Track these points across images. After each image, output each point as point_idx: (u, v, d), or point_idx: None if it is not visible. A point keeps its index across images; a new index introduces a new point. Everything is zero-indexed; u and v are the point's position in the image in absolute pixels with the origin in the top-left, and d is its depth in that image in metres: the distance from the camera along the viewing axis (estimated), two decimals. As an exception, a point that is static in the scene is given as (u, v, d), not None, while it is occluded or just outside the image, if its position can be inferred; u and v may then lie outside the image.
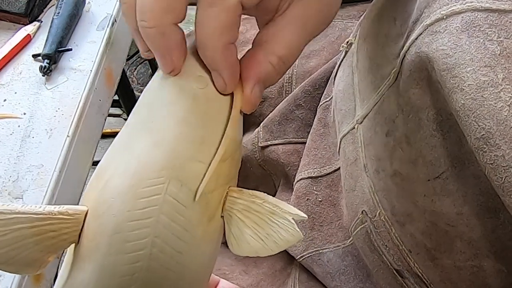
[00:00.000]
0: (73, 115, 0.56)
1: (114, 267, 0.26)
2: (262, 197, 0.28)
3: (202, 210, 0.27)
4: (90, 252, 0.26)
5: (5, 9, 0.60)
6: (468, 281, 0.34)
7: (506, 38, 0.27)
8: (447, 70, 0.28)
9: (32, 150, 0.53)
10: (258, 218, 0.28)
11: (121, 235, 0.26)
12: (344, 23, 0.57)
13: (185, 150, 0.27)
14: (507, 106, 0.26)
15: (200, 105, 0.28)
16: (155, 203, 0.26)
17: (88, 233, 0.27)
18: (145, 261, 0.26)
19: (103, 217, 0.26)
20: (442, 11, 0.29)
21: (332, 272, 0.46)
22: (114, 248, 0.26)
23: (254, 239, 0.28)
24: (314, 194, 0.48)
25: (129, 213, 0.26)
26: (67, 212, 0.26)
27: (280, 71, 0.29)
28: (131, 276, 0.26)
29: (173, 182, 0.26)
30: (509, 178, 0.26)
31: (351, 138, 0.42)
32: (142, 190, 0.26)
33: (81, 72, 0.59)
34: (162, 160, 0.27)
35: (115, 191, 0.26)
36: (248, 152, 0.56)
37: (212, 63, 0.28)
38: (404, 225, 0.36)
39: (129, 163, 0.27)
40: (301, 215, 0.27)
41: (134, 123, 0.29)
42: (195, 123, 0.28)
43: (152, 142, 0.27)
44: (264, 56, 0.29)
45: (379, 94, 0.37)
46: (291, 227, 0.27)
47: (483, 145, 0.26)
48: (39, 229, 0.26)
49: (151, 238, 0.26)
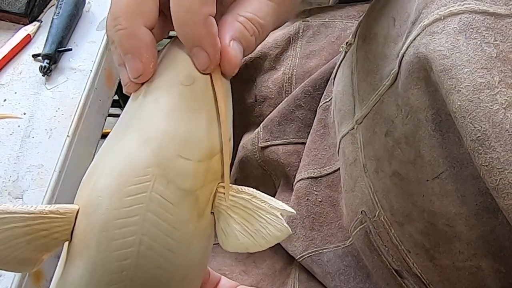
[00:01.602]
0: (73, 115, 0.56)
1: (104, 264, 0.26)
2: (250, 193, 0.28)
3: (191, 207, 0.27)
4: (81, 250, 0.27)
5: (5, 9, 0.60)
6: (467, 281, 0.34)
7: (502, 41, 0.27)
8: (444, 71, 0.28)
9: (32, 150, 0.53)
10: (247, 214, 0.28)
11: (109, 233, 0.26)
12: (343, 24, 0.57)
13: (170, 148, 0.27)
14: (502, 109, 0.26)
15: (186, 102, 0.28)
16: (141, 201, 0.26)
17: (78, 232, 0.27)
18: (134, 259, 0.26)
19: (91, 215, 0.27)
20: (440, 11, 0.29)
21: (332, 272, 0.46)
22: (102, 246, 0.26)
23: (244, 235, 0.28)
24: (314, 194, 0.48)
25: (116, 211, 0.26)
26: (58, 211, 0.27)
27: (252, 32, 0.29)
28: (121, 273, 0.26)
29: (159, 179, 0.27)
30: (504, 180, 0.26)
31: (350, 138, 0.42)
32: (128, 189, 0.26)
33: (81, 72, 0.59)
34: (148, 158, 0.27)
35: (103, 190, 0.27)
36: (248, 153, 0.56)
37: (194, 38, 0.28)
38: (403, 225, 0.37)
39: (116, 162, 0.27)
40: (288, 210, 0.27)
41: (122, 122, 0.29)
42: (181, 120, 0.28)
43: (138, 140, 0.27)
44: (231, 17, 0.29)
45: (378, 94, 0.37)
46: (279, 222, 0.27)
47: (478, 147, 0.27)
48: (31, 228, 0.26)
49: (138, 236, 0.26)
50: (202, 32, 0.27)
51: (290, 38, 0.58)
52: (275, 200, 0.27)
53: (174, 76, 0.29)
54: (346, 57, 0.45)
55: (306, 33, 0.58)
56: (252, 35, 0.29)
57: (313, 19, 0.59)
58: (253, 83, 0.58)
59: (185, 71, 0.29)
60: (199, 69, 0.29)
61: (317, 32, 0.58)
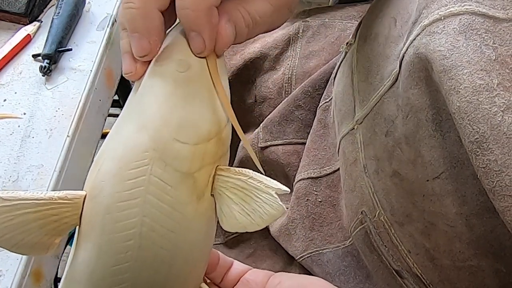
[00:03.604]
0: (73, 115, 0.56)
1: (109, 245, 0.28)
2: (247, 174, 0.29)
3: (190, 189, 0.28)
4: (88, 233, 0.28)
5: (5, 9, 0.60)
6: (467, 281, 0.34)
7: (500, 45, 0.27)
8: (444, 72, 0.28)
9: (32, 150, 0.53)
10: (244, 194, 0.29)
11: (112, 216, 0.28)
12: (343, 24, 0.57)
13: (167, 132, 0.28)
14: (500, 112, 0.26)
15: (181, 88, 0.29)
16: (141, 184, 0.28)
17: (85, 215, 0.28)
18: (137, 240, 0.28)
19: (96, 199, 0.28)
20: (440, 12, 0.29)
21: (332, 272, 0.46)
22: (107, 228, 0.28)
23: (242, 215, 0.29)
24: (314, 194, 0.48)
25: (118, 195, 0.28)
26: (67, 197, 0.28)
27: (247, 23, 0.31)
28: (125, 254, 0.28)
29: (157, 163, 0.28)
30: (501, 183, 0.26)
31: (350, 138, 0.42)
32: (128, 172, 0.28)
33: (81, 72, 0.59)
34: (145, 142, 0.28)
35: (105, 174, 0.28)
36: (248, 153, 0.56)
37: (194, 22, 0.29)
38: (403, 226, 0.37)
39: (117, 148, 0.29)
40: (283, 188, 0.28)
41: (124, 112, 0.31)
42: (176, 106, 0.29)
43: (136, 126, 0.29)
44: (234, 5, 0.30)
45: (379, 94, 0.37)
46: (274, 201, 0.28)
47: (476, 149, 0.27)
48: (42, 213, 0.28)
49: (140, 217, 0.28)
50: (203, 20, 0.29)
51: (290, 39, 0.58)
52: (270, 180, 0.29)
53: (170, 63, 0.30)
54: (346, 57, 0.45)
55: (305, 34, 0.58)
56: (246, 26, 0.31)
57: (313, 20, 0.59)
58: (253, 83, 0.58)
59: (181, 57, 0.30)
60: (194, 52, 0.30)
61: (316, 32, 0.58)
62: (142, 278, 0.28)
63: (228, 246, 0.55)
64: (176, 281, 0.30)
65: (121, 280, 0.28)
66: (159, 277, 0.29)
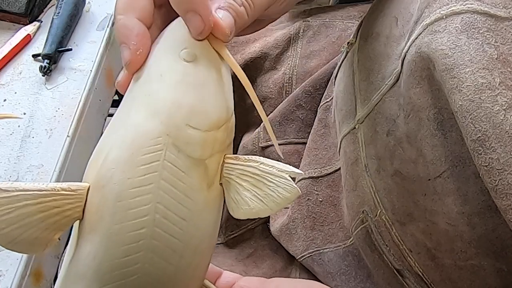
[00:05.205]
0: (73, 115, 0.56)
1: (120, 235, 0.27)
2: (257, 160, 0.29)
3: (201, 176, 0.28)
4: (95, 224, 0.27)
5: (5, 9, 0.60)
6: (469, 281, 0.34)
7: (502, 44, 0.27)
8: (446, 71, 0.28)
9: (32, 150, 0.53)
10: (256, 180, 0.29)
11: (124, 203, 0.27)
12: (344, 24, 0.57)
13: (179, 117, 0.28)
14: (503, 110, 0.26)
15: (190, 76, 0.29)
16: (154, 169, 0.27)
17: (91, 207, 0.28)
18: (150, 228, 0.27)
19: (104, 188, 0.27)
20: (442, 11, 0.30)
21: (333, 272, 0.46)
22: (118, 216, 0.27)
23: (254, 201, 0.28)
24: (315, 194, 0.48)
25: (130, 181, 0.27)
26: (70, 188, 0.27)
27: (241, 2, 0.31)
28: (137, 243, 0.27)
29: (171, 148, 0.27)
30: (503, 181, 0.26)
31: (351, 138, 0.42)
32: (141, 158, 0.27)
33: (81, 72, 0.59)
34: (158, 128, 0.28)
35: (115, 161, 0.27)
36: (248, 153, 0.56)
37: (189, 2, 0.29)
38: (405, 225, 0.37)
39: (127, 134, 0.28)
40: (296, 171, 0.28)
41: (127, 102, 0.30)
42: (186, 93, 0.29)
43: (148, 113, 0.28)
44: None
45: (380, 94, 0.37)
46: (288, 184, 0.28)
47: (478, 147, 0.27)
48: (44, 205, 0.27)
49: (153, 204, 0.27)
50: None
51: (291, 38, 0.58)
52: (282, 164, 0.28)
53: (176, 53, 0.30)
54: (348, 57, 0.45)
55: (306, 33, 0.58)
56: (241, 5, 0.31)
57: (313, 19, 0.59)
58: (254, 83, 0.58)
59: (186, 48, 0.30)
60: (194, 36, 0.30)
61: (317, 32, 0.58)
62: (152, 269, 0.27)
63: (228, 246, 0.55)
64: (185, 273, 0.29)
65: (130, 272, 0.27)
66: (170, 268, 0.28)
